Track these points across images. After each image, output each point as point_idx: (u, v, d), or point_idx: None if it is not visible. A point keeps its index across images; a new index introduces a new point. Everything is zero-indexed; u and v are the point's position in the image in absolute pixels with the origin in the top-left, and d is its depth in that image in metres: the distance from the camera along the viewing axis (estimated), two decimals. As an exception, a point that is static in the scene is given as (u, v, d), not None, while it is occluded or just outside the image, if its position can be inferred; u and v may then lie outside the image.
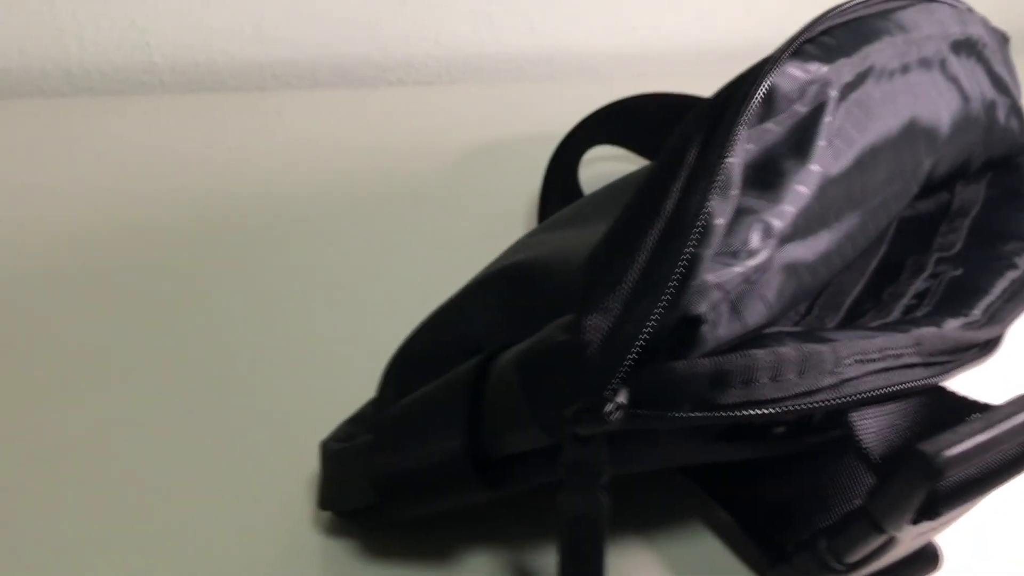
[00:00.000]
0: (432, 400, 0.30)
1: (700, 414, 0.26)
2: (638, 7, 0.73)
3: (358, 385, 0.40)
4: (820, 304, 0.39)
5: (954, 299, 0.37)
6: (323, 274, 0.50)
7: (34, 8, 0.67)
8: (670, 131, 0.56)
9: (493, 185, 0.59)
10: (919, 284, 0.39)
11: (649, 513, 0.35)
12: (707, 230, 0.26)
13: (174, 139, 0.63)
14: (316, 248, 0.52)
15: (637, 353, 0.26)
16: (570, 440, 0.26)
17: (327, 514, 0.35)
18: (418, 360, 0.35)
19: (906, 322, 0.33)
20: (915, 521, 0.27)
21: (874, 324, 0.35)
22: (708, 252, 0.26)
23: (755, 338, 0.28)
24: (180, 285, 0.49)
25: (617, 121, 0.56)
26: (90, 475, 0.37)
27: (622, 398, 0.26)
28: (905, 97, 0.35)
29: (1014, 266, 0.39)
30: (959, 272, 0.39)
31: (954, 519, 0.30)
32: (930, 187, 0.42)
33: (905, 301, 0.38)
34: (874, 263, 0.42)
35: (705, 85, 0.57)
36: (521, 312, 0.34)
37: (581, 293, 0.26)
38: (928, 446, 0.26)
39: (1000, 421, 0.27)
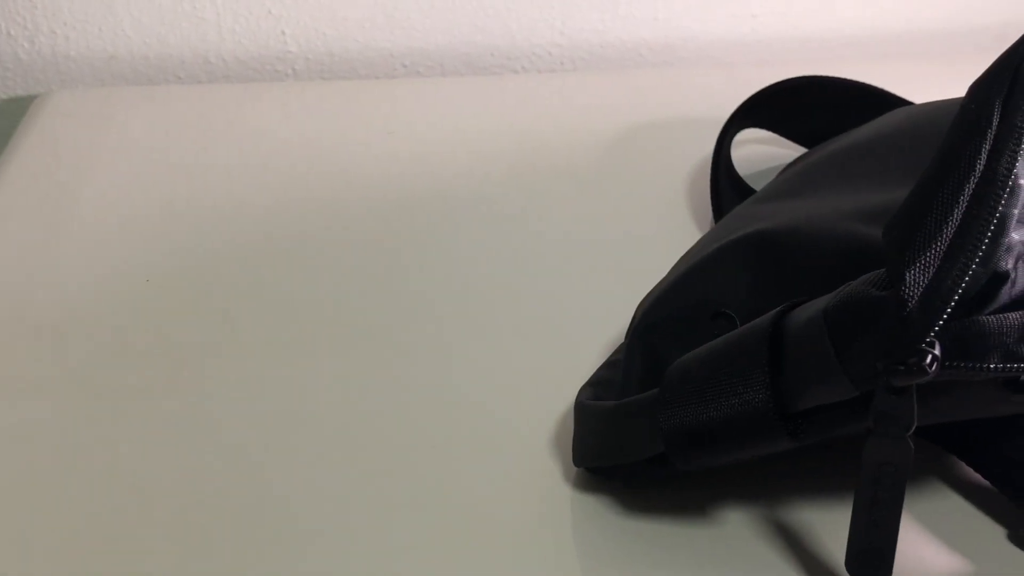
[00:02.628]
0: (725, 356, 0.31)
1: (1008, 365, 0.27)
2: (759, -5, 0.74)
3: (579, 352, 0.41)
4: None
5: None
6: (507, 254, 0.51)
7: (175, -3, 0.69)
8: (820, 114, 0.58)
9: (629, 169, 0.61)
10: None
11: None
12: (1015, 190, 0.28)
13: (308, 126, 0.65)
14: (485, 231, 0.54)
15: (952, 308, 0.27)
16: (884, 391, 0.28)
17: (576, 471, 0.37)
18: (663, 323, 0.37)
19: None
20: None
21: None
22: (1015, 211, 0.28)
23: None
24: (376, 267, 0.50)
25: (766, 106, 0.58)
26: (366, 439, 0.39)
27: (937, 351, 0.27)
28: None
29: None
30: None
31: None
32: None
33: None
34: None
35: (826, 73, 0.59)
36: (774, 275, 0.35)
37: (894, 250, 0.28)
38: None
39: None
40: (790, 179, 0.44)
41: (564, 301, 0.47)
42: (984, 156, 0.28)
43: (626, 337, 0.38)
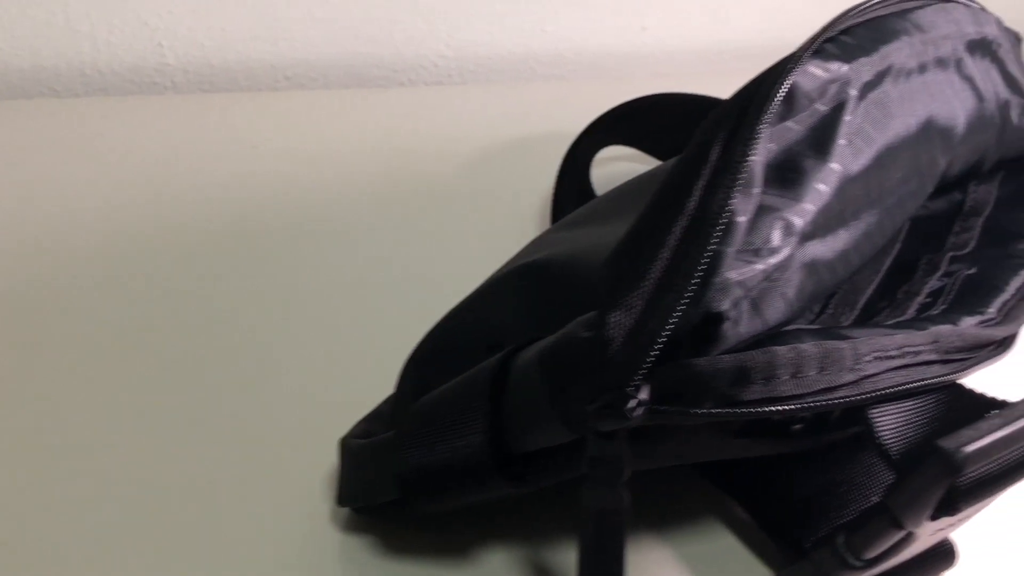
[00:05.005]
0: (455, 396, 0.30)
1: (721, 410, 0.26)
2: (649, 7, 0.73)
3: (374, 382, 0.40)
4: (835, 302, 0.39)
5: (969, 297, 0.37)
6: (336, 274, 0.50)
7: (48, 8, 0.67)
8: (682, 132, 0.56)
9: (503, 185, 0.59)
10: (933, 283, 0.39)
11: (665, 510, 0.35)
12: (729, 227, 0.26)
13: (186, 139, 0.63)
14: (329, 248, 0.52)
15: (659, 350, 0.26)
16: (593, 436, 0.26)
17: (345, 510, 0.35)
18: (437, 357, 0.35)
19: (923, 320, 0.33)
20: (934, 517, 0.27)
21: (890, 322, 0.35)
22: (730, 249, 0.27)
23: (774, 335, 0.29)
24: (194, 285, 0.49)
25: (628, 122, 0.57)
26: (108, 473, 0.37)
27: (644, 394, 0.26)
28: (922, 96, 0.35)
29: (1027, 265, 0.39)
30: (973, 271, 0.39)
31: (971, 515, 0.30)
32: (943, 186, 0.42)
33: (920, 299, 0.38)
34: (888, 262, 0.42)
35: (717, 85, 0.57)
36: (542, 308, 0.34)
37: (604, 290, 0.27)
38: (948, 442, 0.26)
39: (1019, 417, 0.27)
40: (601, 203, 0.43)
41: (381, 325, 0.46)
42: (699, 193, 0.27)
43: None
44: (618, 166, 0.59)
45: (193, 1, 0.68)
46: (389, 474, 0.31)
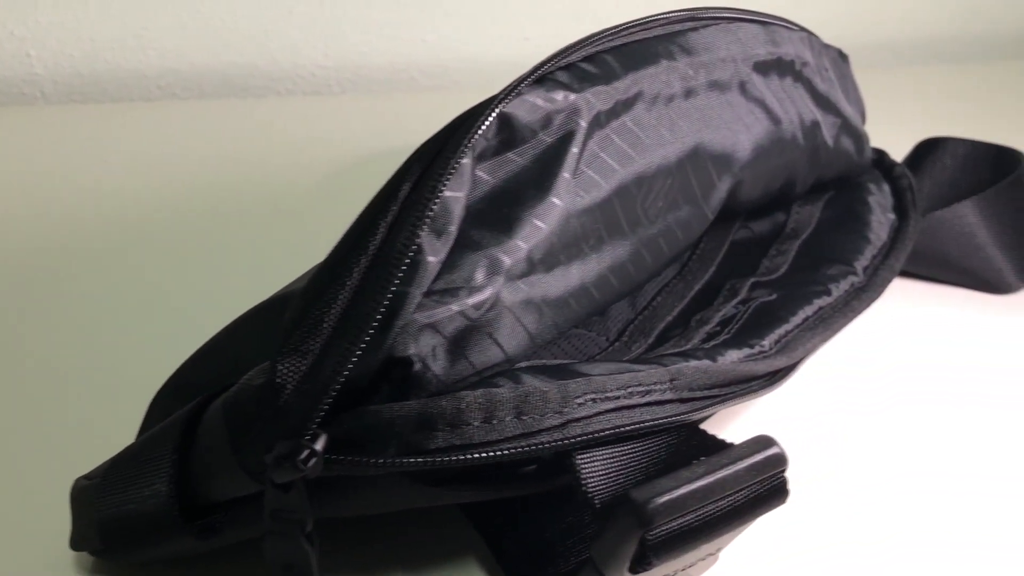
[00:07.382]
0: (149, 441, 0.28)
1: (405, 460, 0.25)
2: (530, 17, 0.72)
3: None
4: (631, 330, 0.38)
5: (753, 327, 0.36)
6: (168, 290, 0.49)
7: (-92, 18, 0.66)
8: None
9: (367, 197, 0.58)
10: (728, 310, 0.38)
11: (423, 547, 0.34)
12: (416, 267, 0.25)
13: (57, 151, 0.62)
14: (175, 264, 0.51)
15: (335, 397, 0.25)
16: (270, 487, 0.25)
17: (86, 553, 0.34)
18: (186, 391, 0.34)
19: (681, 354, 0.32)
20: (633, 571, 0.26)
21: (661, 354, 0.34)
22: (417, 290, 0.25)
23: (492, 375, 0.27)
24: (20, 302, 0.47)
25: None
26: None
27: (320, 444, 0.24)
28: (687, 122, 0.34)
29: (827, 292, 0.38)
30: (772, 298, 0.38)
31: (701, 562, 0.29)
32: (740, 210, 0.41)
33: (708, 328, 0.37)
34: (697, 287, 0.41)
35: None
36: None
37: (280, 334, 0.25)
38: (639, 492, 0.25)
39: (723, 467, 0.26)
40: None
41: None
42: (383, 230, 0.26)
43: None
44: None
45: (60, 10, 0.67)
46: (93, 521, 0.29)
